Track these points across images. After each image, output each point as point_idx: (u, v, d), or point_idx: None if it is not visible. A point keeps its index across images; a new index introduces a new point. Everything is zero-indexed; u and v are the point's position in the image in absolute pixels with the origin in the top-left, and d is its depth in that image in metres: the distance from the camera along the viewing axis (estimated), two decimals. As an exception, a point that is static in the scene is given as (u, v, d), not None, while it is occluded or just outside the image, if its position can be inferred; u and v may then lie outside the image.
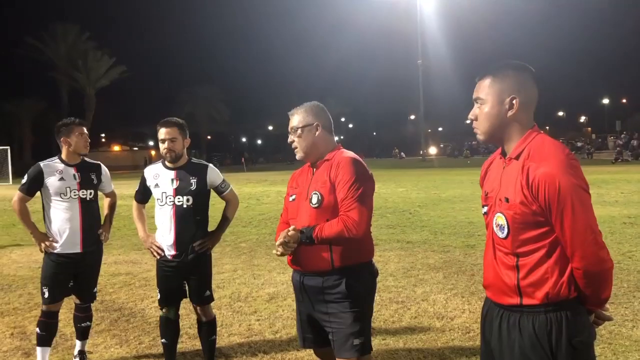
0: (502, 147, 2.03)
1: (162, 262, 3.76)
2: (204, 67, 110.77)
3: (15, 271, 7.49)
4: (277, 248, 2.66)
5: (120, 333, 4.76)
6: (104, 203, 4.28)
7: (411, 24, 49.71)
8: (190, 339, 4.50)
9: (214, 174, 3.83)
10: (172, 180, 3.72)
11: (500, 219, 1.94)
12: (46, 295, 3.89)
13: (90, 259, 4.02)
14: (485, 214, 2.06)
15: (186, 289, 3.81)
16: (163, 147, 3.70)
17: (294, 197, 2.85)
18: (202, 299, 3.81)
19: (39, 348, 3.95)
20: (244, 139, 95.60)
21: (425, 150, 56.46)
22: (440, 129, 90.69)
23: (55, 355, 4.25)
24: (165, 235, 3.72)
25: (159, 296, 3.83)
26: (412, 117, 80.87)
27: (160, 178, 3.77)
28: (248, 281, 6.50)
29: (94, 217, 4.04)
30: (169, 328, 3.84)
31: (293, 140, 2.81)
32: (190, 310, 4.41)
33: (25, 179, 3.95)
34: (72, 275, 3.96)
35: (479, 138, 2.06)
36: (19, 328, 4.95)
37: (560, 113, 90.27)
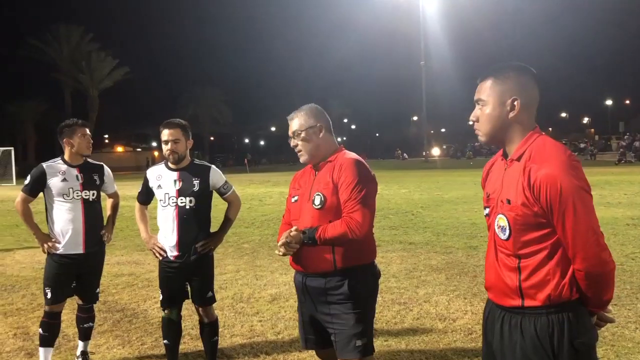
0: (504, 149, 2.03)
1: (165, 263, 3.76)
2: (206, 69, 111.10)
3: (19, 272, 7.52)
4: (280, 248, 2.66)
5: (122, 334, 4.77)
6: (107, 204, 4.28)
7: (414, 25, 49.80)
8: (193, 340, 4.50)
9: (216, 175, 3.84)
10: (175, 181, 3.73)
11: (501, 221, 1.94)
12: (49, 295, 3.90)
13: (93, 259, 4.03)
14: (487, 215, 2.06)
15: (188, 290, 3.82)
16: (166, 149, 3.71)
17: (296, 199, 2.85)
18: (205, 300, 3.81)
19: (41, 348, 3.96)
20: (246, 140, 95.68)
21: (428, 151, 56.32)
22: (443, 130, 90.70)
23: (57, 356, 4.26)
24: (167, 236, 3.72)
25: (161, 297, 3.84)
26: (415, 118, 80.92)
27: (163, 179, 3.77)
28: (250, 282, 6.50)
29: (96, 218, 4.06)
30: (171, 329, 3.84)
31: (297, 144, 2.79)
32: (193, 311, 4.42)
33: (27, 179, 3.96)
34: (75, 276, 3.96)
35: (480, 139, 2.06)
36: (22, 328, 4.97)
37: (563, 114, 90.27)
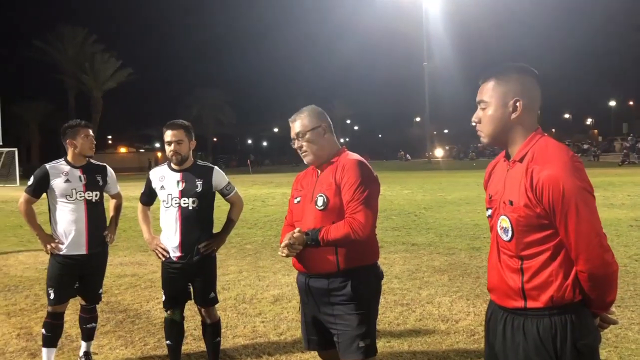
0: (506, 150, 2.02)
1: (167, 264, 3.77)
2: (210, 70, 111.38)
3: (22, 272, 7.53)
4: (282, 250, 2.66)
5: (125, 334, 4.78)
6: (110, 205, 4.29)
7: (416, 26, 49.77)
8: (195, 341, 4.51)
9: (219, 176, 3.84)
10: (178, 182, 3.74)
11: (504, 222, 1.94)
12: (52, 296, 3.91)
13: (96, 260, 4.04)
14: (490, 216, 2.06)
15: (191, 291, 3.82)
16: (169, 150, 3.72)
17: (298, 200, 2.84)
18: (207, 300, 3.81)
19: (44, 349, 3.96)
20: (249, 141, 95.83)
21: (431, 152, 56.30)
22: (445, 130, 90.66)
23: (60, 356, 4.27)
24: (170, 237, 3.73)
25: (164, 298, 3.84)
26: (418, 119, 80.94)
27: (165, 180, 3.78)
28: (253, 283, 6.50)
29: (99, 219, 4.06)
30: (174, 330, 3.85)
31: (301, 145, 2.78)
32: (195, 312, 4.42)
33: (31, 180, 3.97)
34: (78, 277, 3.97)
35: (482, 141, 2.06)
36: (25, 329, 4.98)
37: (566, 115, 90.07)
